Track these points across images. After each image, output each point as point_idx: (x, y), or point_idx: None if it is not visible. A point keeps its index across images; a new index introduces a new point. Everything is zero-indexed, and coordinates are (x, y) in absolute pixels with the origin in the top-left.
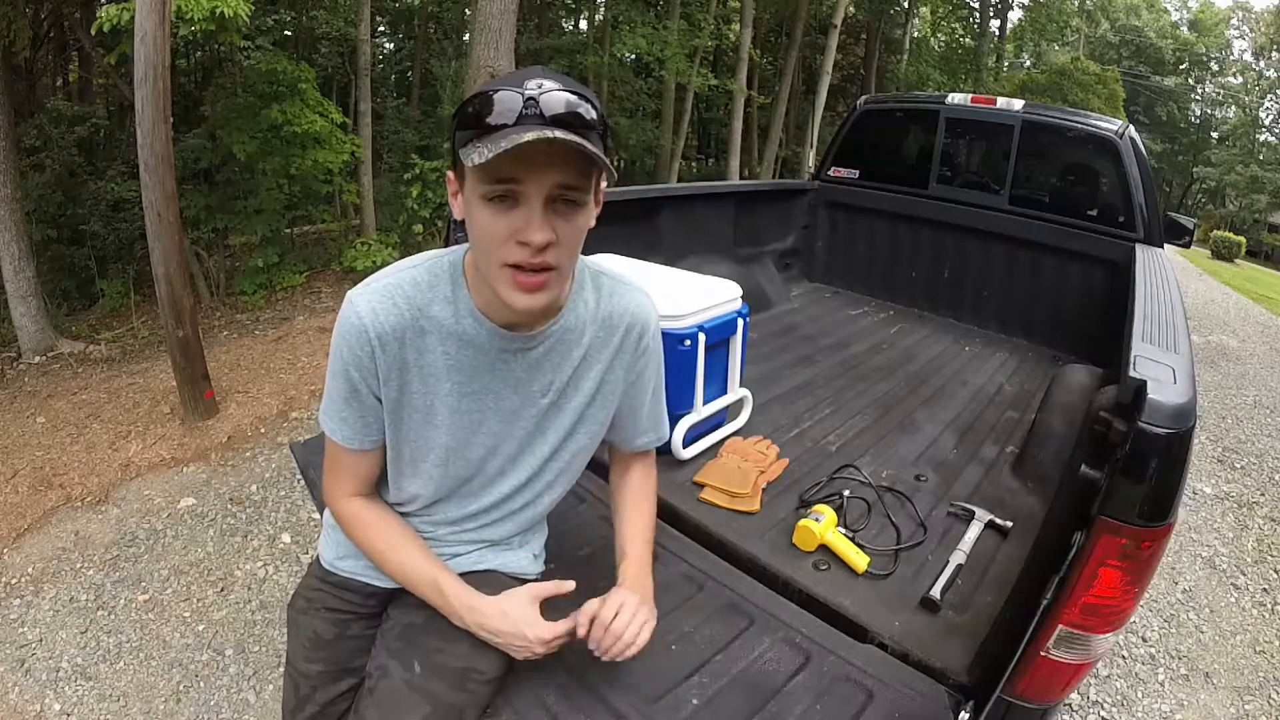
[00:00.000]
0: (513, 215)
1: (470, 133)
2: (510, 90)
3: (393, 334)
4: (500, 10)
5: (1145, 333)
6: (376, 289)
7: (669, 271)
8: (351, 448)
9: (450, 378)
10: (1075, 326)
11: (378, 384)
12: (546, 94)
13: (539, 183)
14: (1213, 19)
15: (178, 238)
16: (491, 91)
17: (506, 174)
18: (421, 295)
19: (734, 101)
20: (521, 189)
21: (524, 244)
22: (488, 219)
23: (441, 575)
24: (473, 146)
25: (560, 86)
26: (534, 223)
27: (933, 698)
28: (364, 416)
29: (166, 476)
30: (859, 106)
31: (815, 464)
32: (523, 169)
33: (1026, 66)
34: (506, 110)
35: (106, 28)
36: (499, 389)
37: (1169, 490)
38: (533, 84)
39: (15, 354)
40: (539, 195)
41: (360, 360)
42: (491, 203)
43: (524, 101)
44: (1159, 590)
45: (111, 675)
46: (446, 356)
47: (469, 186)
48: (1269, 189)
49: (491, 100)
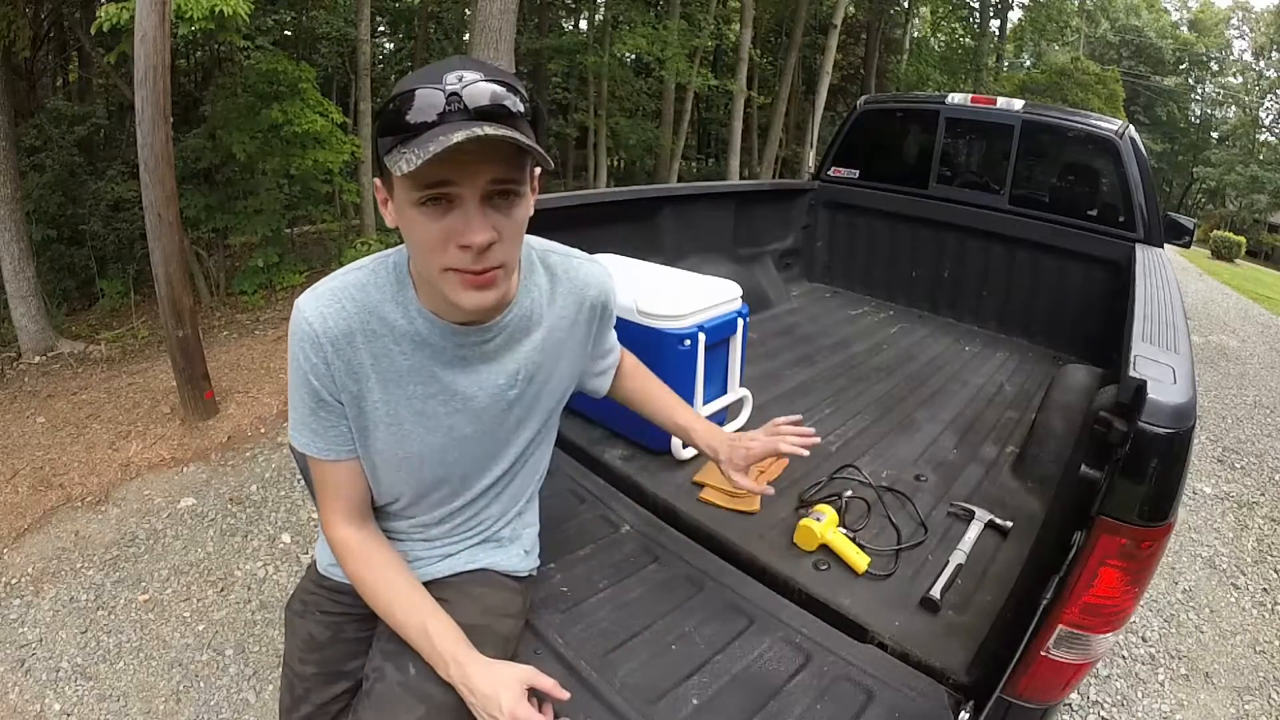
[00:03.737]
0: (449, 218)
1: (393, 138)
2: (429, 87)
3: (344, 338)
4: (500, 10)
5: (1145, 333)
6: (323, 293)
7: (669, 271)
8: (330, 459)
9: (411, 380)
10: (1075, 326)
11: (338, 390)
12: (469, 87)
13: (473, 182)
14: (1213, 19)
15: (178, 238)
16: (411, 89)
17: (437, 177)
18: (369, 297)
19: (734, 101)
20: (455, 190)
21: (465, 247)
22: (423, 225)
23: (431, 621)
24: (398, 153)
25: (482, 76)
26: (473, 224)
27: (933, 698)
28: (336, 425)
29: (166, 476)
30: (859, 106)
31: (815, 464)
32: (454, 170)
33: (1026, 66)
34: (427, 107)
35: (106, 27)
36: (463, 388)
37: (1169, 490)
38: (452, 77)
39: (15, 354)
40: (474, 194)
41: (317, 367)
42: (425, 207)
43: (446, 97)
44: (1159, 590)
45: (111, 675)
46: (404, 358)
47: (399, 193)
48: (1269, 189)
49: (411, 98)
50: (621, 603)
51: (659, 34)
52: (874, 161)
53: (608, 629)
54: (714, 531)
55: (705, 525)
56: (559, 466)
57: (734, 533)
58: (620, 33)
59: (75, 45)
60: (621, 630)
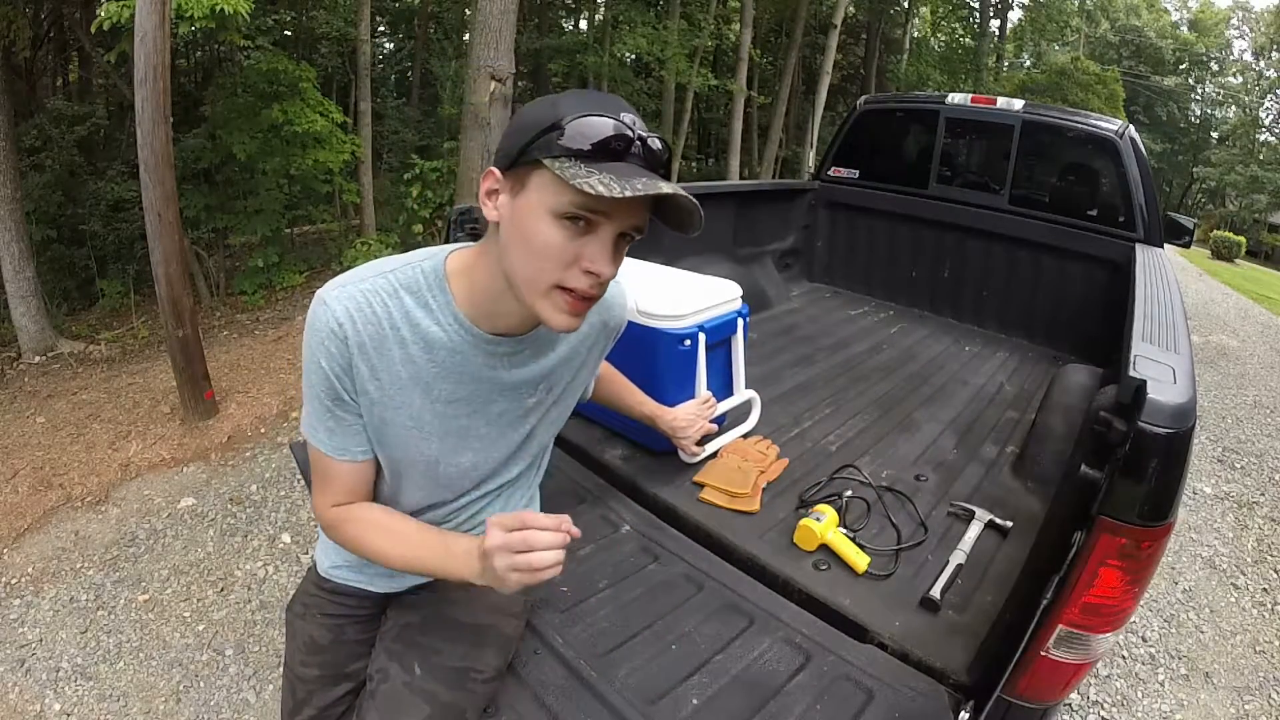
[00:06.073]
0: (584, 241)
1: (568, 150)
2: (609, 117)
3: (372, 341)
4: (500, 10)
5: (1145, 332)
6: (354, 294)
7: (669, 271)
8: (341, 459)
9: (436, 386)
10: (1075, 326)
11: (357, 391)
12: (649, 139)
13: (621, 220)
14: (1213, 19)
15: (178, 238)
16: (595, 114)
17: (600, 206)
18: (400, 302)
19: (734, 101)
20: (603, 220)
21: (590, 273)
22: (555, 237)
23: (448, 538)
24: (584, 169)
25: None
26: (606, 256)
27: (933, 698)
28: (354, 424)
29: (166, 476)
30: (859, 106)
31: (815, 464)
32: (614, 205)
33: (1026, 66)
34: (615, 140)
35: (106, 25)
36: (486, 394)
37: (1169, 490)
38: (628, 117)
39: (15, 354)
40: (614, 230)
41: (340, 367)
42: (563, 221)
43: (633, 139)
44: (1159, 590)
45: (111, 675)
46: (432, 365)
47: (536, 195)
48: (1269, 189)
49: (599, 125)
50: (621, 603)
51: (659, 34)
52: (874, 161)
53: (608, 629)
54: (714, 531)
55: (705, 525)
56: (559, 466)
57: (734, 533)
58: (620, 33)
59: (75, 45)
60: (621, 630)
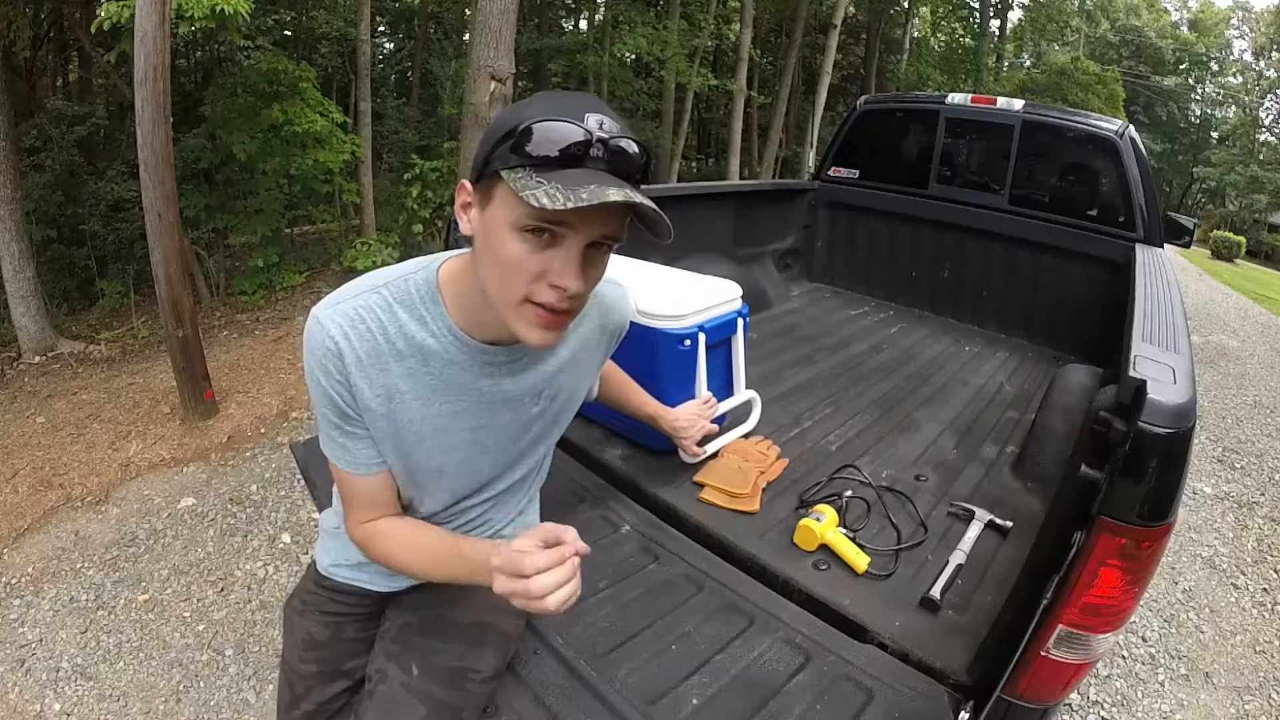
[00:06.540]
0: (549, 254)
1: (522, 160)
2: (569, 122)
3: (369, 358)
4: (500, 10)
5: (1145, 332)
6: (348, 310)
7: (669, 271)
8: (359, 474)
9: (437, 398)
10: (1075, 326)
11: (360, 408)
12: (614, 140)
13: (587, 230)
14: (1213, 19)
15: (178, 238)
16: (550, 119)
17: (559, 217)
18: (394, 317)
19: (734, 101)
20: (566, 231)
21: (556, 287)
22: (518, 251)
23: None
24: (532, 180)
25: (620, 130)
26: (573, 269)
27: (933, 698)
28: (363, 439)
29: (166, 476)
30: (859, 106)
31: (815, 464)
32: (576, 215)
33: (1026, 66)
34: (570, 145)
35: (106, 25)
36: (488, 405)
37: (1169, 490)
38: (593, 120)
39: (15, 354)
40: (581, 241)
41: (339, 385)
42: (528, 234)
43: (592, 142)
44: (1159, 590)
45: (111, 675)
46: (431, 377)
47: (499, 209)
48: (1269, 189)
49: (553, 128)
50: (621, 602)
51: (659, 34)
52: (874, 161)
53: (608, 629)
54: (714, 531)
55: (705, 525)
56: (559, 466)
57: (734, 533)
58: (620, 33)
59: (75, 45)
60: (621, 630)
